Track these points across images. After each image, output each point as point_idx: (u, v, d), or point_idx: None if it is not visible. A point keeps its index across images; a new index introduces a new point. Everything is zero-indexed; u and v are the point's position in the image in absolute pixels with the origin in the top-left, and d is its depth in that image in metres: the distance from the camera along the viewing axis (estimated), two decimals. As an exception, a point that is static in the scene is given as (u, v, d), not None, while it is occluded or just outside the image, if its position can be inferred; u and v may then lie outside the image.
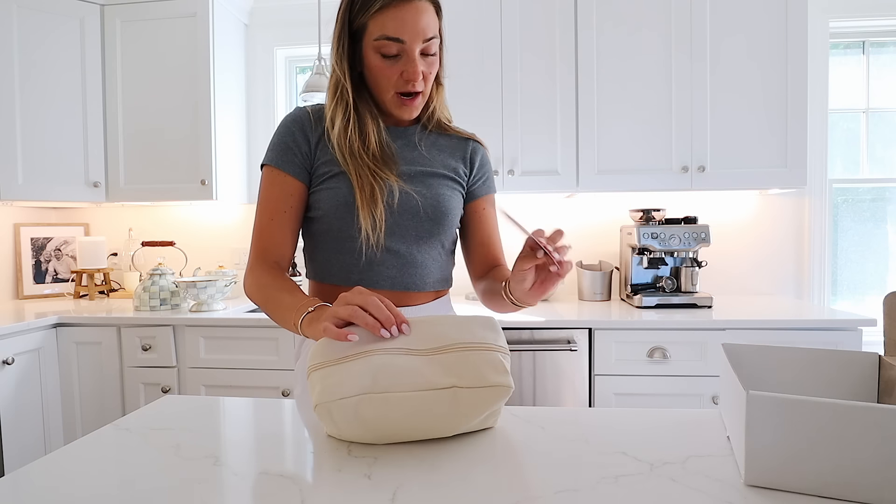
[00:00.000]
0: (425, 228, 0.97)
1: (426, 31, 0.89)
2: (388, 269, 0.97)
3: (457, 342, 0.70)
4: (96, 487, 0.60)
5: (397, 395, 0.66)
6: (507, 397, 0.69)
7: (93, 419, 1.98)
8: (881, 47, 2.36)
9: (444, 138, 1.04)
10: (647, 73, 2.02)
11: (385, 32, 0.88)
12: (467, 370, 0.68)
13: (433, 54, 0.93)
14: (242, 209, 2.56)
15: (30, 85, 2.13)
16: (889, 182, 2.34)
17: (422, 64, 0.91)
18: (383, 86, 0.93)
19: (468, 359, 0.69)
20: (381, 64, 0.91)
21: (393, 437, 0.69)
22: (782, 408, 0.54)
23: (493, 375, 0.68)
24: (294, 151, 0.96)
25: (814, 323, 1.72)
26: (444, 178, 1.00)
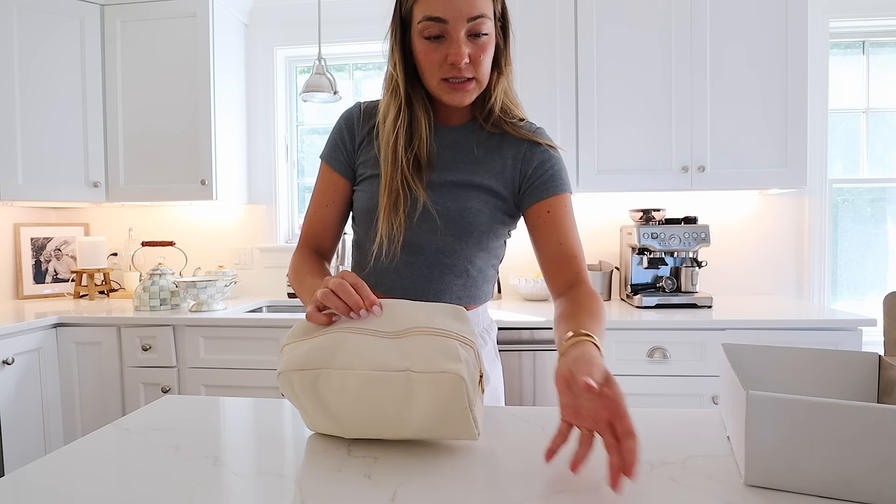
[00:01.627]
0: (447, 244, 0.92)
1: (472, 8, 0.82)
2: (402, 279, 0.94)
3: (418, 326, 0.69)
4: (96, 487, 0.60)
5: (352, 373, 0.65)
6: (461, 391, 0.63)
7: (93, 419, 1.98)
8: (881, 47, 2.36)
9: (500, 140, 0.94)
10: (646, 73, 2.02)
11: (427, 12, 0.84)
12: (421, 354, 0.66)
13: (484, 34, 0.85)
14: (242, 209, 2.56)
15: (30, 85, 2.13)
16: (889, 182, 2.34)
17: (469, 46, 0.84)
18: (430, 72, 0.87)
19: (425, 343, 0.67)
20: (425, 48, 0.86)
21: (352, 425, 0.69)
22: (782, 408, 0.54)
23: (443, 362, 0.64)
24: (341, 148, 0.97)
25: (814, 323, 1.72)
26: (477, 189, 0.92)
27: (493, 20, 0.87)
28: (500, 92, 0.93)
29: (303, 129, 2.66)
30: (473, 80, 0.87)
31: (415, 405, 0.65)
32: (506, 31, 0.92)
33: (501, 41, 0.92)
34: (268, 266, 2.54)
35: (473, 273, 0.96)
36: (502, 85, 0.93)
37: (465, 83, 0.87)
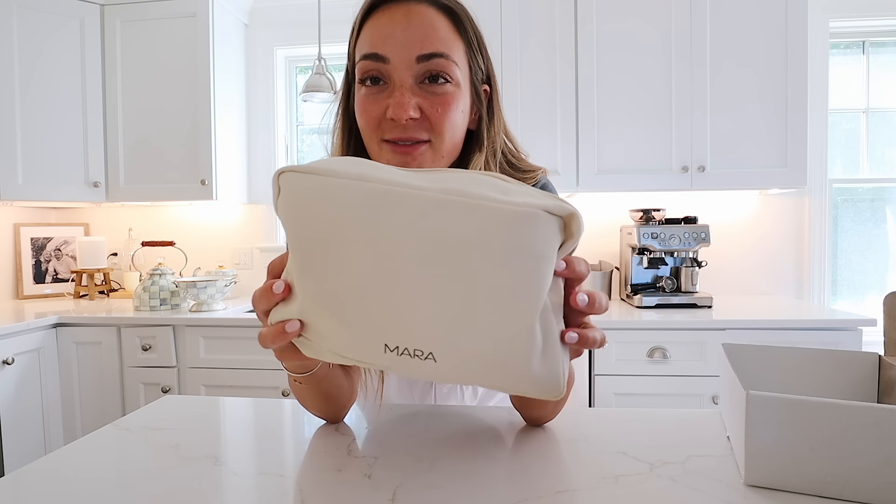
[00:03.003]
0: None
1: (423, 44, 0.60)
2: None
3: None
4: (96, 487, 0.60)
5: (412, 194, 0.40)
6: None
7: (93, 419, 1.98)
8: (881, 47, 2.36)
9: None
10: (647, 72, 2.02)
11: (364, 49, 0.63)
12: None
13: (446, 82, 0.62)
14: (242, 209, 2.56)
15: (30, 85, 2.13)
16: (889, 182, 2.34)
17: (419, 95, 0.62)
18: (367, 131, 0.65)
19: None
20: (361, 98, 0.64)
21: (372, 304, 0.41)
22: (782, 408, 0.54)
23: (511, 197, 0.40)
24: None
25: (814, 323, 1.72)
26: None
27: (467, 77, 0.66)
28: (489, 166, 0.70)
29: (303, 129, 2.66)
30: (427, 143, 0.64)
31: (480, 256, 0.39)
32: (492, 103, 0.70)
33: (484, 111, 0.70)
34: (268, 266, 2.54)
35: None
36: (478, 163, 0.68)
37: (412, 147, 0.63)
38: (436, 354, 0.41)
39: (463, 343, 0.40)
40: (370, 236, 0.39)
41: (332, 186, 0.40)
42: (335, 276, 0.40)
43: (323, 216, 0.40)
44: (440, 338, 0.40)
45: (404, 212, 0.39)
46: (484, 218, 0.38)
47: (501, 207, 0.38)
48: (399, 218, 0.39)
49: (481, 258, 0.38)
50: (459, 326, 0.40)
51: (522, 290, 0.39)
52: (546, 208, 0.39)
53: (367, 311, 0.41)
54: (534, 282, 0.39)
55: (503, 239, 0.38)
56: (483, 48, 0.69)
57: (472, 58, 0.66)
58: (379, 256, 0.39)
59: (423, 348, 0.41)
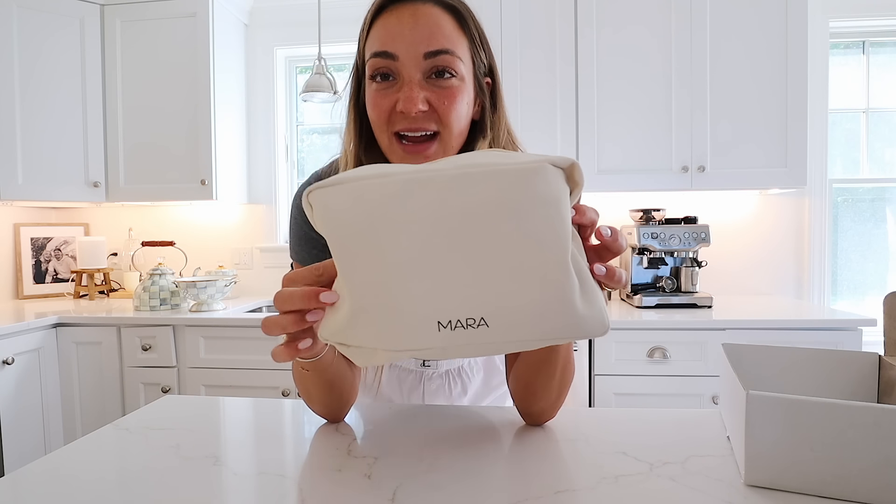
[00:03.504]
0: None
1: (430, 41, 0.64)
2: None
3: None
4: (96, 487, 0.60)
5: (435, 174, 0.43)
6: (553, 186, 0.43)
7: (93, 419, 1.98)
8: (881, 47, 2.36)
9: None
10: (646, 72, 2.02)
11: (374, 48, 0.66)
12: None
13: (450, 75, 0.65)
14: (242, 209, 2.56)
15: (30, 85, 2.13)
16: (889, 182, 2.34)
17: (427, 89, 0.65)
18: (378, 125, 0.68)
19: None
20: (372, 94, 0.67)
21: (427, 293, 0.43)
22: (782, 408, 0.54)
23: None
24: (311, 243, 0.78)
25: (814, 323, 1.72)
26: None
27: (470, 71, 0.69)
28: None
29: (303, 129, 2.66)
30: (436, 137, 0.67)
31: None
32: (494, 94, 0.73)
33: (487, 101, 0.73)
34: (268, 266, 2.54)
35: None
36: (487, 145, 0.73)
37: (423, 144, 0.67)
38: (487, 319, 0.43)
39: (508, 300, 0.42)
40: (403, 223, 0.42)
41: (358, 189, 0.43)
42: (380, 268, 0.43)
43: (357, 218, 0.43)
44: (487, 301, 0.42)
45: (428, 193, 0.42)
46: (498, 180, 0.41)
47: (511, 167, 0.41)
48: (424, 200, 0.42)
49: (505, 217, 0.41)
50: (502, 285, 0.42)
51: (549, 234, 0.42)
52: (550, 161, 0.42)
53: (416, 294, 0.43)
54: (556, 224, 0.42)
55: (520, 193, 0.41)
56: (485, 43, 0.72)
57: (475, 53, 0.69)
58: (415, 239, 0.42)
59: (474, 315, 0.42)
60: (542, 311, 0.42)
